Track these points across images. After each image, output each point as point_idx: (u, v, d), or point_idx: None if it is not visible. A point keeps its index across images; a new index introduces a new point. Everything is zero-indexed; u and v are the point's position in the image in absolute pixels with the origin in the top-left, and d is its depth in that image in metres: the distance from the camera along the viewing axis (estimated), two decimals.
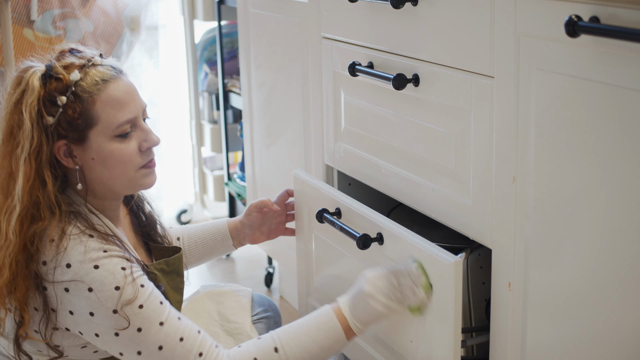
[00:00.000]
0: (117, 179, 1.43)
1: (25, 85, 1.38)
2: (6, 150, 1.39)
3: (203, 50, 3.02)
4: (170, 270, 1.55)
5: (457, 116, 1.39)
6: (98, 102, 1.39)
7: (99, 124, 1.39)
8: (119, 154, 1.41)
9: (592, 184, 1.12)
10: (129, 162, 1.43)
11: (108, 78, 1.40)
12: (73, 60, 1.42)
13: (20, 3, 2.67)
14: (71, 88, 1.38)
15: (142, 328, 1.36)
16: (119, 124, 1.40)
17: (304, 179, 1.76)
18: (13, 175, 1.37)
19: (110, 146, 1.40)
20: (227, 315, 1.72)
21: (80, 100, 1.38)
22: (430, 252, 1.38)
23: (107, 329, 1.36)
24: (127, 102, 1.41)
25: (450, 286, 1.34)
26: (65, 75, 1.39)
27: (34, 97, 1.38)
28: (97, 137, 1.40)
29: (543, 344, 1.26)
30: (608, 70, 1.06)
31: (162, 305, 1.39)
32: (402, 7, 1.44)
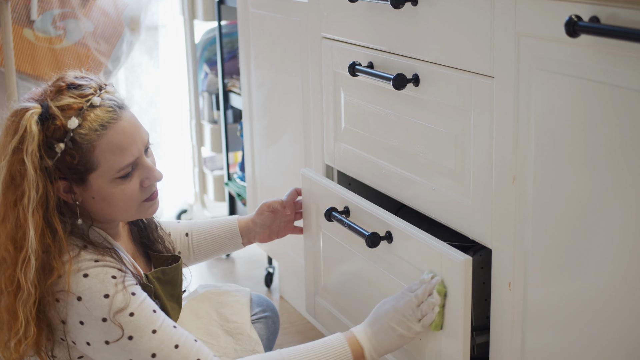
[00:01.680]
0: (119, 214, 1.43)
1: (24, 132, 1.33)
2: (10, 200, 1.34)
3: (203, 50, 3.02)
4: (166, 279, 1.54)
5: (457, 116, 1.39)
6: (97, 149, 1.35)
7: (99, 169, 1.36)
8: (120, 194, 1.39)
9: (592, 184, 1.12)
10: (131, 200, 1.41)
11: (107, 123, 1.35)
12: (70, 101, 1.35)
13: (20, 3, 2.67)
14: (69, 134, 1.34)
15: (133, 336, 1.34)
16: (120, 169, 1.37)
17: (312, 178, 1.77)
18: (22, 227, 1.33)
19: (111, 188, 1.38)
20: (227, 315, 1.71)
21: (78, 147, 1.34)
22: (440, 250, 1.38)
23: (97, 337, 1.35)
24: (127, 145, 1.37)
25: (460, 284, 1.34)
26: (63, 121, 1.34)
27: (34, 144, 1.33)
28: (97, 179, 1.37)
29: (543, 344, 1.26)
30: (608, 70, 1.06)
31: (155, 313, 1.37)
32: (402, 7, 1.44)
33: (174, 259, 1.60)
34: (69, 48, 2.75)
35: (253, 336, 1.69)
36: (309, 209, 1.80)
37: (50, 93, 1.38)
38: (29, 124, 1.33)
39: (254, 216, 1.77)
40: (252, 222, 1.76)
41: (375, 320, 1.42)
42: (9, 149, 1.33)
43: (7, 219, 1.34)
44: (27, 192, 1.32)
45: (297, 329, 2.36)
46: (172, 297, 1.55)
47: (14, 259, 1.33)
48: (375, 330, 1.41)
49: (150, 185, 1.43)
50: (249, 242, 1.79)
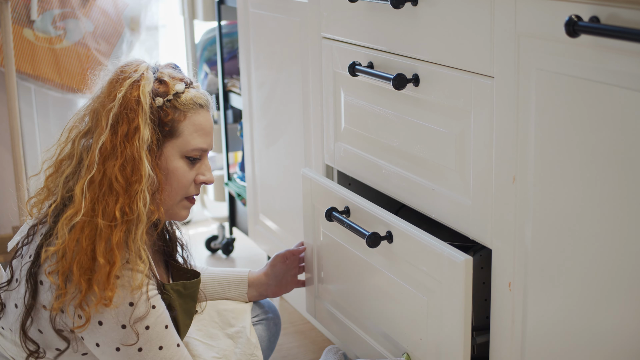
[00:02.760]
0: (165, 197, 1.45)
1: (141, 75, 1.41)
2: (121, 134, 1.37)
3: (203, 50, 3.02)
4: (186, 294, 1.55)
5: (457, 116, 1.39)
6: (186, 120, 1.44)
7: (179, 138, 1.44)
8: (180, 174, 1.45)
9: (592, 184, 1.12)
10: (183, 186, 1.47)
11: (203, 104, 1.48)
12: (178, 74, 1.47)
13: (20, 3, 2.67)
14: (171, 96, 1.43)
15: (142, 348, 1.37)
16: (195, 148, 1.45)
17: (312, 178, 1.77)
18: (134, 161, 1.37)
19: (177, 163, 1.45)
20: (228, 319, 1.72)
21: (174, 109, 1.43)
22: (441, 250, 1.39)
23: (110, 341, 1.36)
24: (208, 133, 1.47)
25: (461, 284, 1.35)
26: (170, 83, 1.44)
27: (150, 87, 1.41)
28: (171, 149, 1.44)
29: (543, 344, 1.26)
30: (608, 70, 1.06)
31: (166, 329, 1.40)
32: (402, 7, 1.44)
33: (194, 274, 1.60)
34: (69, 48, 2.75)
35: (252, 340, 1.69)
36: (309, 209, 1.80)
37: (157, 64, 1.48)
38: (145, 71, 1.42)
39: (267, 269, 1.78)
40: (265, 275, 1.78)
41: None
42: (125, 85, 1.39)
43: (117, 152, 1.37)
44: (141, 128, 1.37)
45: (297, 329, 2.36)
46: (187, 313, 1.56)
47: (127, 191, 1.36)
48: None
49: (200, 184, 1.49)
50: (259, 295, 1.79)
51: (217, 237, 3.06)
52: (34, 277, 1.38)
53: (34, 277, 1.38)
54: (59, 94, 2.81)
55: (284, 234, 2.22)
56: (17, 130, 2.54)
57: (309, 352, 2.22)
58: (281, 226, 2.24)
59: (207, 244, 3.06)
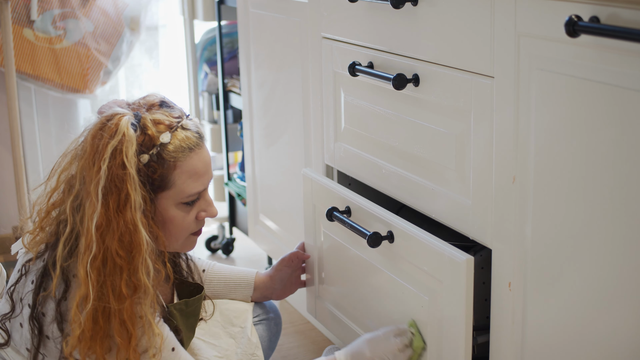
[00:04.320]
0: (168, 241, 1.44)
1: (122, 136, 1.32)
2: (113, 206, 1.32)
3: (203, 50, 3.02)
4: (189, 311, 1.55)
5: (457, 116, 1.39)
6: (178, 169, 1.38)
7: (171, 189, 1.39)
8: (179, 221, 1.42)
9: (592, 184, 1.12)
10: (184, 229, 1.44)
11: (193, 146, 1.39)
12: (162, 117, 1.38)
13: (20, 3, 2.67)
14: (157, 147, 1.36)
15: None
16: (190, 194, 1.40)
17: (313, 178, 1.77)
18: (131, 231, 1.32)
19: (174, 212, 1.40)
20: (230, 318, 1.72)
21: (162, 162, 1.36)
22: (442, 250, 1.39)
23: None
24: (203, 173, 1.42)
25: (462, 284, 1.35)
26: (155, 133, 1.36)
27: (133, 148, 1.33)
28: (165, 200, 1.39)
29: (543, 344, 1.26)
30: (608, 70, 1.06)
31: (172, 352, 1.39)
32: (402, 7, 1.44)
33: (197, 289, 1.60)
34: (69, 48, 2.75)
35: (253, 340, 1.69)
36: (310, 209, 1.80)
37: (141, 106, 1.39)
38: (126, 130, 1.33)
39: (272, 272, 1.78)
40: (270, 278, 1.78)
41: (356, 351, 1.45)
42: (108, 152, 1.32)
43: (112, 225, 1.31)
44: (132, 195, 1.31)
45: (297, 329, 2.36)
46: (189, 328, 1.56)
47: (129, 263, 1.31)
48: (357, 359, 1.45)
49: (203, 219, 1.46)
50: (262, 298, 1.78)
51: (217, 237, 3.06)
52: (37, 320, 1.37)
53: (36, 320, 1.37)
54: (59, 94, 2.81)
55: (284, 234, 2.22)
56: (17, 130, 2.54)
57: (309, 352, 2.22)
58: (281, 226, 2.24)
59: (207, 244, 3.06)
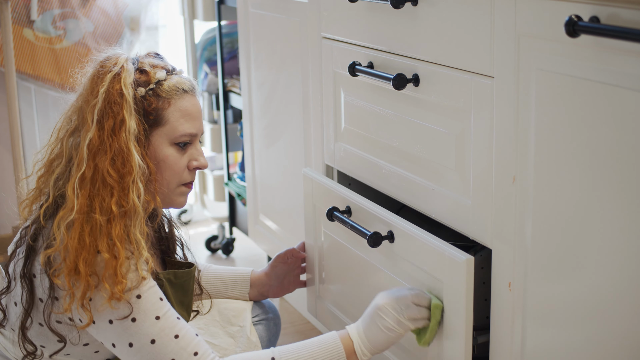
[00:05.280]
0: (160, 186, 1.45)
1: (121, 68, 1.41)
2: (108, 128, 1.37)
3: (203, 50, 3.02)
4: (177, 283, 1.54)
5: (457, 116, 1.39)
6: (171, 107, 1.44)
7: (165, 126, 1.44)
8: (172, 161, 1.45)
9: (592, 184, 1.12)
10: (176, 173, 1.46)
11: (187, 89, 1.47)
12: (159, 62, 1.47)
13: (20, 3, 2.67)
14: (153, 84, 1.43)
15: (136, 319, 1.35)
16: (183, 133, 1.45)
17: (313, 178, 1.77)
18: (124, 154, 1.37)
19: (167, 150, 1.45)
20: (229, 317, 1.72)
21: (157, 98, 1.43)
22: (442, 250, 1.39)
23: (102, 315, 1.34)
24: (195, 117, 1.47)
25: (462, 283, 1.35)
26: (151, 72, 1.44)
27: (131, 78, 1.41)
28: (159, 137, 1.44)
29: (543, 344, 1.26)
30: (608, 70, 1.06)
31: (161, 301, 1.38)
32: (402, 7, 1.44)
33: (188, 265, 1.60)
34: (69, 48, 2.75)
35: (253, 339, 1.69)
36: (310, 208, 1.80)
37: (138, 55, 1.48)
38: (125, 63, 1.42)
39: (268, 269, 1.78)
40: (266, 275, 1.78)
41: (367, 314, 1.42)
42: (106, 79, 1.39)
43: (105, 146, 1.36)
44: (127, 120, 1.37)
45: (297, 329, 2.36)
46: (182, 305, 1.55)
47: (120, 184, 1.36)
48: (366, 324, 1.41)
49: (194, 171, 1.49)
50: (260, 295, 1.78)
51: (217, 237, 3.06)
52: (28, 275, 1.38)
53: (27, 274, 1.38)
54: (59, 94, 2.80)
55: (284, 234, 2.22)
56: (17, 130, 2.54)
57: None
58: (281, 226, 2.24)
59: (207, 244, 3.06)
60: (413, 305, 1.40)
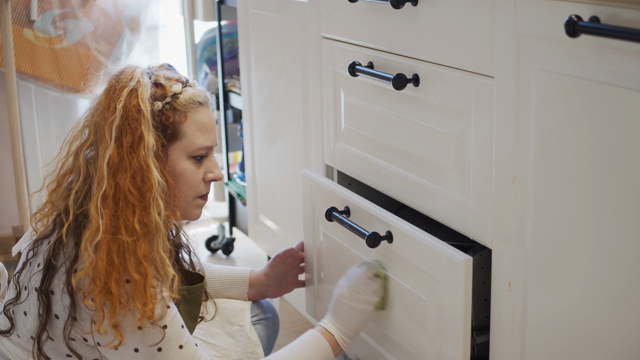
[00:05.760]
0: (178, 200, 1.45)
1: (137, 82, 1.39)
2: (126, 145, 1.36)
3: (203, 50, 3.02)
4: (190, 299, 1.54)
5: (457, 116, 1.39)
6: (188, 120, 1.43)
7: (182, 140, 1.43)
8: (189, 175, 1.45)
9: (592, 184, 1.12)
10: (193, 187, 1.46)
11: (202, 101, 1.46)
12: (173, 74, 1.46)
13: (20, 3, 2.67)
14: (169, 98, 1.42)
15: (162, 348, 1.36)
16: (200, 147, 1.44)
17: (312, 178, 1.77)
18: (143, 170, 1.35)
19: (184, 164, 1.44)
20: (228, 317, 1.72)
21: (174, 112, 1.42)
22: (440, 250, 1.39)
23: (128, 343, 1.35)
24: (211, 129, 1.47)
25: (461, 284, 1.35)
26: (167, 85, 1.42)
27: (148, 93, 1.40)
28: (176, 151, 1.43)
29: (543, 344, 1.26)
30: (608, 70, 1.06)
31: (183, 329, 1.39)
32: (402, 7, 1.44)
33: (198, 278, 1.60)
34: (69, 48, 2.75)
35: (253, 338, 1.69)
36: (309, 209, 1.80)
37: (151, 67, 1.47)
38: (141, 77, 1.40)
39: (267, 270, 1.78)
40: (265, 275, 1.78)
41: (335, 306, 1.52)
42: (123, 95, 1.37)
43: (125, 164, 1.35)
44: (145, 136, 1.36)
45: (297, 329, 2.36)
46: (191, 317, 1.55)
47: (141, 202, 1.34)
48: (338, 315, 1.51)
49: (209, 182, 1.49)
50: (259, 295, 1.78)
51: (217, 237, 3.06)
52: (46, 291, 1.37)
53: (45, 291, 1.37)
54: (59, 94, 2.81)
55: (284, 234, 2.22)
56: (17, 130, 2.54)
57: None
58: (281, 226, 2.24)
59: (207, 244, 3.06)
60: (369, 281, 1.52)
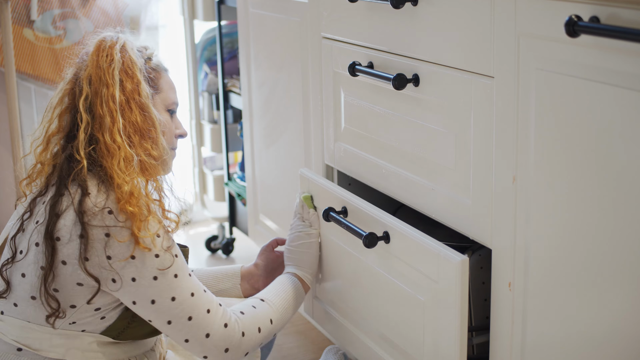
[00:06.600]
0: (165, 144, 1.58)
1: (124, 41, 1.53)
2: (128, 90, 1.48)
3: (203, 50, 3.02)
4: None
5: (457, 116, 1.39)
6: (162, 78, 1.58)
7: (161, 93, 1.57)
8: (169, 125, 1.58)
9: (592, 184, 1.12)
10: (171, 138, 1.59)
11: (166, 68, 1.61)
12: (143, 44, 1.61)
13: (20, 3, 2.67)
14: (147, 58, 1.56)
15: (177, 275, 1.45)
16: (173, 101, 1.59)
17: (310, 178, 1.77)
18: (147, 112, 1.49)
19: (164, 115, 1.57)
20: None
21: (152, 69, 1.56)
22: (437, 251, 1.39)
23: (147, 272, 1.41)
24: (176, 90, 1.62)
25: (457, 284, 1.35)
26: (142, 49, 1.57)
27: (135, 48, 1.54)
28: (158, 103, 1.57)
29: (543, 344, 1.26)
30: (608, 70, 1.06)
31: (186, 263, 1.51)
32: (402, 7, 1.44)
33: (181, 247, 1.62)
34: (69, 48, 2.75)
35: None
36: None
37: None
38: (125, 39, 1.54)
39: (256, 261, 1.82)
40: (255, 266, 1.81)
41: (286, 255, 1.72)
42: (116, 48, 1.50)
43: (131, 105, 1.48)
44: (142, 83, 1.50)
45: (297, 329, 2.36)
46: None
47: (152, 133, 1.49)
48: (292, 260, 1.71)
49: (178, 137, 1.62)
50: (251, 288, 1.81)
51: (217, 237, 3.06)
52: (51, 236, 1.41)
53: (50, 236, 1.41)
54: None
55: (283, 234, 2.22)
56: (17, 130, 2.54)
57: (309, 352, 2.22)
58: (281, 226, 2.24)
59: (207, 244, 3.06)
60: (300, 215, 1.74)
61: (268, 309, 1.57)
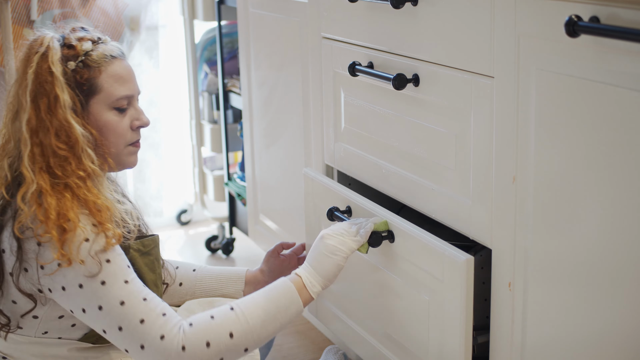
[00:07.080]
0: (108, 150, 1.51)
1: (47, 48, 1.46)
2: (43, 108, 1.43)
3: (203, 50, 3.02)
4: (145, 252, 1.55)
5: (457, 116, 1.39)
6: (103, 74, 1.49)
7: (100, 93, 1.48)
8: (114, 125, 1.50)
9: (592, 184, 1.12)
10: (121, 135, 1.51)
11: (115, 55, 1.51)
12: (84, 35, 1.52)
13: (20, 3, 2.67)
14: (81, 57, 1.48)
15: (105, 282, 1.37)
16: (119, 97, 1.49)
17: (314, 177, 1.77)
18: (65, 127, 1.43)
19: (107, 116, 1.49)
20: None
21: (88, 69, 1.48)
22: (442, 250, 1.39)
23: (73, 279, 1.37)
24: (128, 79, 1.52)
25: (462, 283, 1.35)
26: (78, 45, 1.49)
27: (58, 56, 1.46)
28: (97, 105, 1.49)
29: (543, 344, 1.26)
30: (608, 70, 1.06)
31: (128, 268, 1.41)
32: (402, 7, 1.44)
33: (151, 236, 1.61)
34: None
35: None
36: (311, 209, 1.80)
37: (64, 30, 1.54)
38: (50, 42, 1.47)
39: (262, 266, 1.80)
40: (260, 272, 1.79)
41: (313, 247, 1.50)
42: (34, 61, 1.45)
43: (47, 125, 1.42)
44: (61, 96, 1.43)
45: (297, 329, 2.36)
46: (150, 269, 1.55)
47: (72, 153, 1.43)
48: (312, 257, 1.49)
49: (138, 130, 1.54)
50: None
51: (217, 237, 3.06)
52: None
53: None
54: None
55: (284, 234, 2.22)
56: None
57: (309, 352, 2.22)
58: (281, 226, 2.24)
59: (207, 244, 3.06)
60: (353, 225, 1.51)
61: (231, 321, 1.40)
